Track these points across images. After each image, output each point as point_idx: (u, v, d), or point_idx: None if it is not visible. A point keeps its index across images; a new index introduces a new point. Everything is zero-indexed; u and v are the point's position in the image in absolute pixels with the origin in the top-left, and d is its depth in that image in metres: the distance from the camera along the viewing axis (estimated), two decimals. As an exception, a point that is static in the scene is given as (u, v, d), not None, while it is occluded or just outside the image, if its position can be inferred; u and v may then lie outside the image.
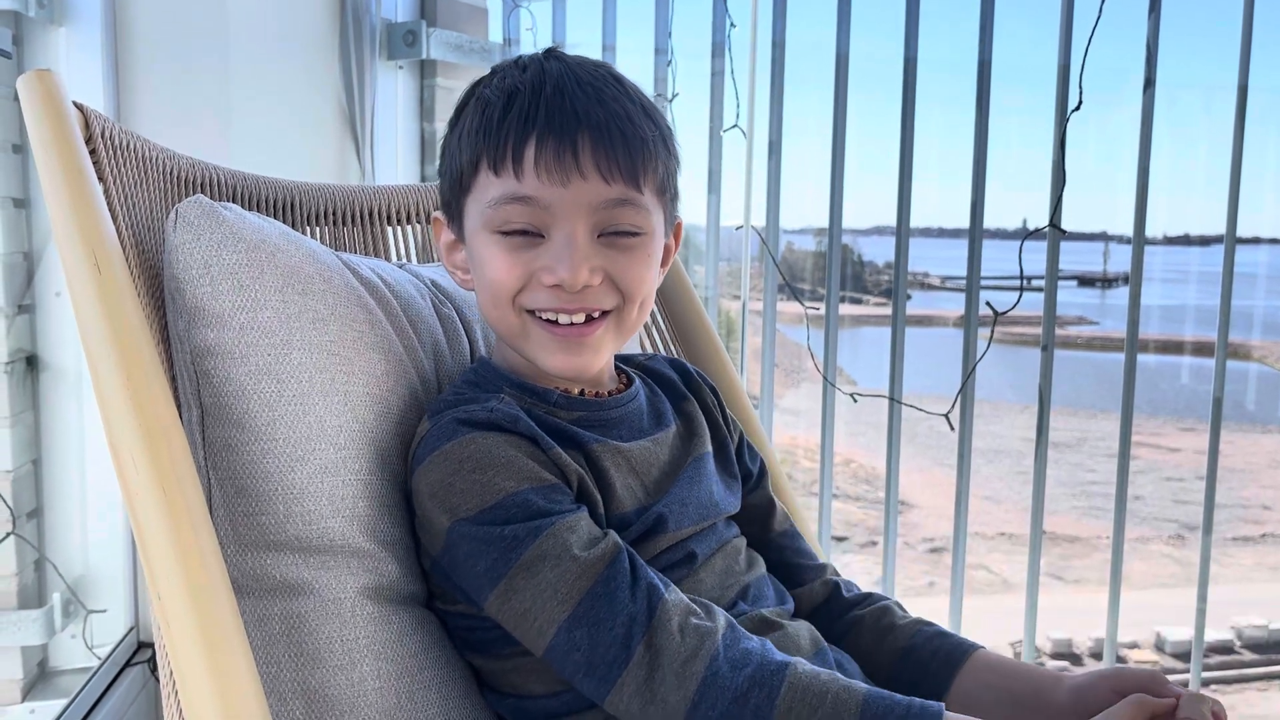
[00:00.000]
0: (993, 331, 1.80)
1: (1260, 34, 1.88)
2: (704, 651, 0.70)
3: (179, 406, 0.79)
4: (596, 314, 0.82)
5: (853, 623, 0.92)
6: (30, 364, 1.56)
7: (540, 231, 0.80)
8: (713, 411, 0.96)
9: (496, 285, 0.81)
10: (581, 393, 0.87)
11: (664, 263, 0.89)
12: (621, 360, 0.96)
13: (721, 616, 0.74)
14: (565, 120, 0.78)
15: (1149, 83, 1.82)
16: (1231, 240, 1.95)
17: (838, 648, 0.89)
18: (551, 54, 0.84)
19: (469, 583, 0.77)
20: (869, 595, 0.95)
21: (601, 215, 0.80)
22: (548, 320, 0.81)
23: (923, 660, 0.87)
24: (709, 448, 0.92)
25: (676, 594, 0.74)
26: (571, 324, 0.81)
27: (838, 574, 0.98)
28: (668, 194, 0.85)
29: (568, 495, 0.78)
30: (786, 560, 0.97)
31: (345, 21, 1.78)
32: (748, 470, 0.98)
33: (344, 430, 0.81)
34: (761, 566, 0.92)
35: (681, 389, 0.96)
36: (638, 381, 0.92)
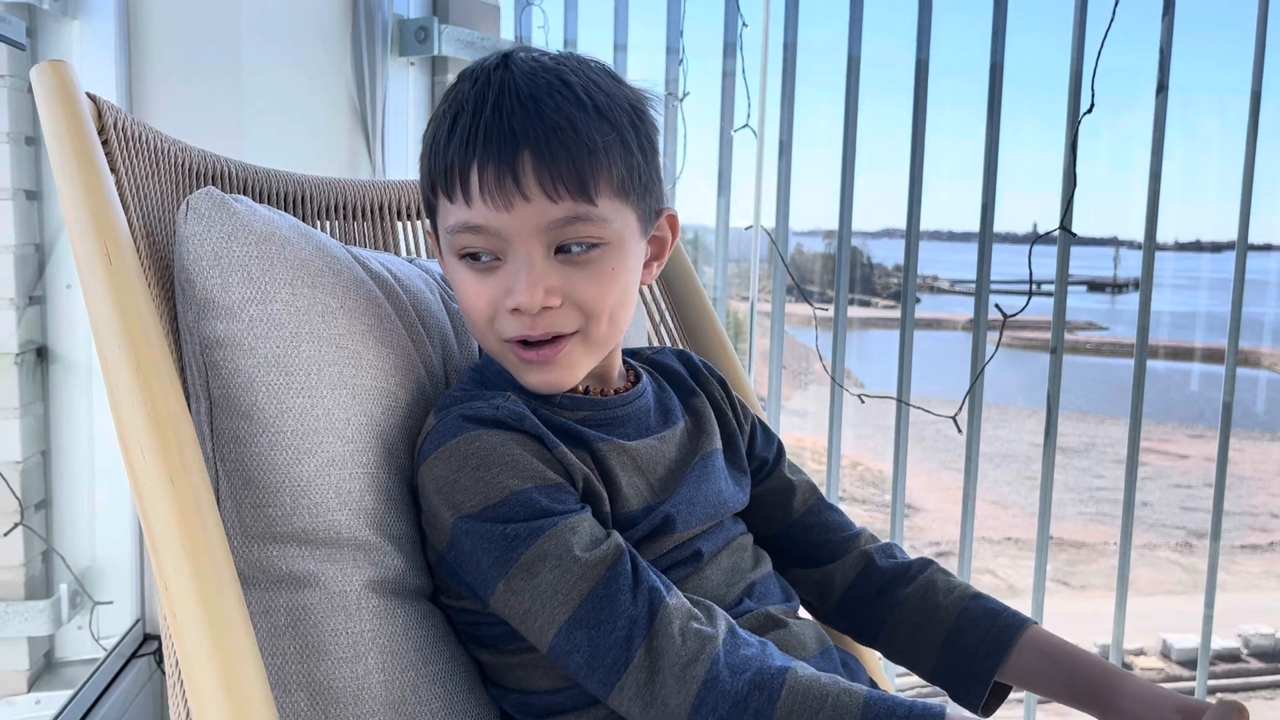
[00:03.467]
0: (1001, 335, 1.80)
1: (1275, 39, 1.87)
2: (704, 655, 0.70)
3: (188, 398, 0.79)
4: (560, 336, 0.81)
5: (895, 605, 0.90)
6: (40, 355, 1.56)
7: (497, 255, 0.79)
8: (721, 405, 0.95)
9: (470, 313, 0.82)
10: (586, 390, 0.86)
11: (657, 256, 0.87)
12: (629, 354, 0.96)
13: (722, 620, 0.74)
14: (503, 142, 0.75)
15: (1162, 87, 1.81)
16: (1243, 246, 1.94)
17: (875, 634, 0.90)
18: (505, 60, 0.80)
19: (473, 579, 0.77)
20: (909, 567, 0.92)
21: (553, 234, 0.77)
22: (519, 343, 0.81)
23: (969, 647, 0.85)
24: (718, 444, 0.91)
25: (678, 597, 0.74)
26: (539, 344, 0.80)
27: (874, 540, 0.96)
28: (633, 193, 0.80)
29: (572, 495, 0.78)
30: (814, 539, 0.95)
31: (357, 17, 1.78)
32: (762, 458, 0.97)
33: (351, 423, 0.81)
34: (768, 564, 0.91)
35: (690, 384, 0.95)
36: (645, 378, 0.91)
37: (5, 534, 1.53)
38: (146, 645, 1.58)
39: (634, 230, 0.82)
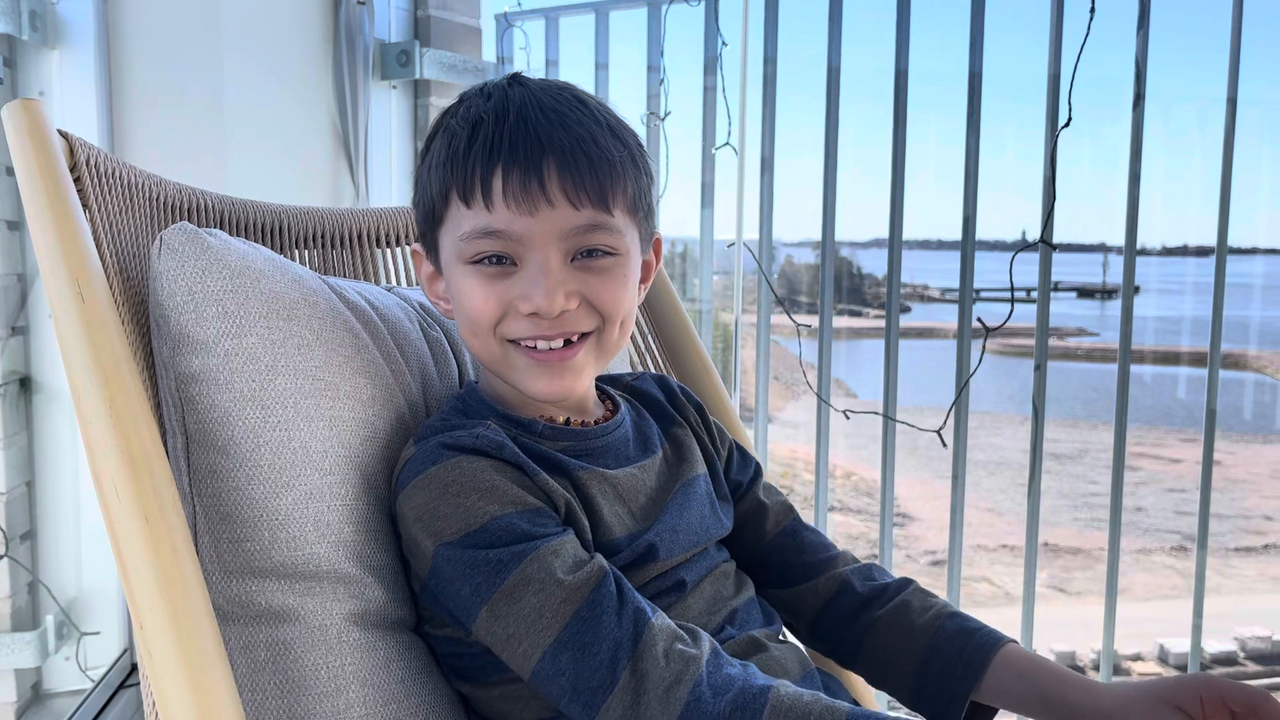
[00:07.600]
0: (984, 346, 1.80)
1: (1249, 48, 1.89)
2: (688, 677, 0.70)
3: (164, 434, 0.79)
4: (575, 337, 0.82)
5: (869, 626, 0.89)
6: (24, 386, 1.56)
7: (514, 259, 0.80)
8: (700, 432, 0.96)
9: (475, 316, 0.81)
10: (567, 421, 0.86)
11: (644, 279, 0.89)
12: (608, 381, 0.96)
13: (706, 642, 0.74)
14: (529, 148, 0.77)
15: (1139, 98, 1.82)
16: (1223, 250, 1.95)
17: (852, 656, 0.89)
18: (516, 79, 0.83)
19: (455, 606, 0.77)
20: (885, 588, 0.91)
21: (573, 241, 0.79)
22: (528, 346, 0.81)
23: (944, 667, 0.84)
24: (699, 471, 0.91)
25: (663, 618, 0.74)
26: (551, 349, 0.81)
27: (854, 561, 0.95)
28: (640, 211, 0.84)
29: (554, 519, 0.78)
30: (788, 561, 0.95)
31: (339, 42, 1.78)
32: (737, 481, 0.97)
33: (329, 455, 0.81)
34: (750, 589, 0.91)
35: (669, 411, 0.95)
36: (624, 408, 0.92)
37: (-10, 566, 1.52)
38: (134, 676, 1.57)
39: (637, 248, 0.85)
